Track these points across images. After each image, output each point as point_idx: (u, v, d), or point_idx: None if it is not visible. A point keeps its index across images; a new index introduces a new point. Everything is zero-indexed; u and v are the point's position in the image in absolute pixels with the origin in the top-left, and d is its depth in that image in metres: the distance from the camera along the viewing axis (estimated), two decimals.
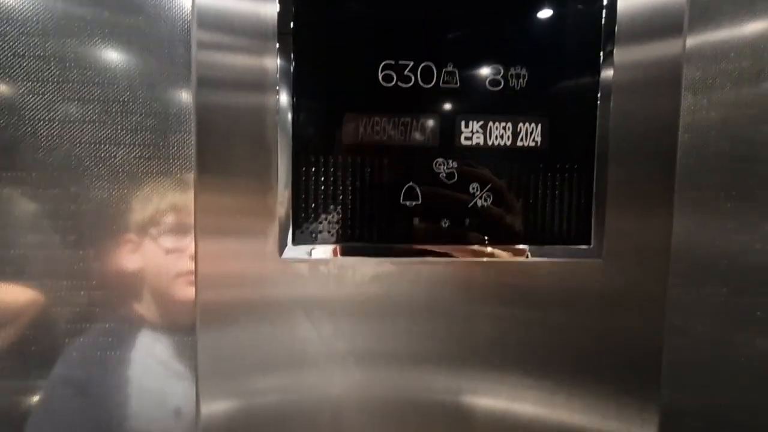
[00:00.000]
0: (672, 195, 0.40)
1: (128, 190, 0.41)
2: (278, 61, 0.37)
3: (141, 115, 0.40)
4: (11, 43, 0.39)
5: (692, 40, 0.42)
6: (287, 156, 0.38)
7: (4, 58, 0.39)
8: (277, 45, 0.37)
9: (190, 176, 0.40)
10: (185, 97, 0.40)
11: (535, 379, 0.41)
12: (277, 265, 0.38)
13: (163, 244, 0.42)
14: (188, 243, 0.41)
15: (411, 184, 0.39)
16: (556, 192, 0.39)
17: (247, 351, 0.39)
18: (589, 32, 0.39)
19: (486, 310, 0.40)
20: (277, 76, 0.37)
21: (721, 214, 0.44)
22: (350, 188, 0.38)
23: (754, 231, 0.44)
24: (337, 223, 0.39)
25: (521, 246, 0.39)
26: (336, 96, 0.38)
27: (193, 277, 0.39)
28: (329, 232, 0.39)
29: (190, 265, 0.40)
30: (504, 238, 0.39)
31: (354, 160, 0.38)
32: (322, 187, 0.38)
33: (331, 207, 0.38)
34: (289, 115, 0.38)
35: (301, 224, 0.38)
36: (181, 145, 0.41)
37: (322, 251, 0.39)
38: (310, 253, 0.39)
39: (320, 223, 0.39)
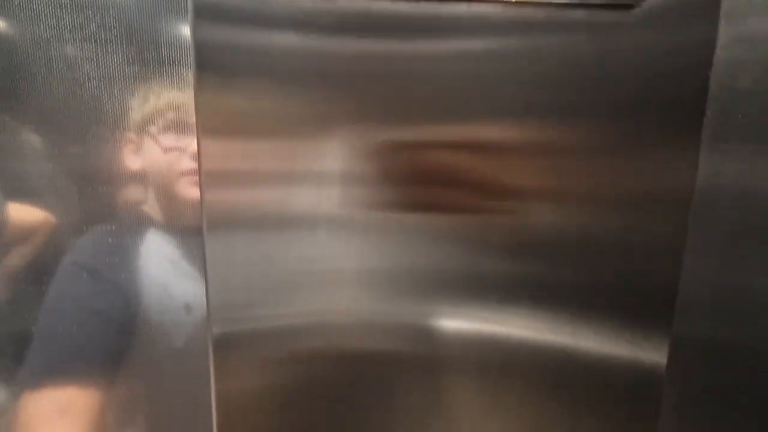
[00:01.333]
0: None
1: (126, 92, 0.40)
2: None
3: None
4: None
5: None
6: None
7: None
8: None
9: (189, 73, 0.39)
10: None
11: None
12: None
13: (164, 143, 0.41)
14: (190, 141, 0.41)
15: None
16: None
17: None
18: None
19: (508, 65, 0.37)
20: None
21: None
22: None
23: None
24: None
25: None
26: None
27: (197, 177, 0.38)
28: None
29: (194, 164, 0.39)
30: None
31: None
32: None
33: None
34: None
35: None
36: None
37: None
38: None
39: None
